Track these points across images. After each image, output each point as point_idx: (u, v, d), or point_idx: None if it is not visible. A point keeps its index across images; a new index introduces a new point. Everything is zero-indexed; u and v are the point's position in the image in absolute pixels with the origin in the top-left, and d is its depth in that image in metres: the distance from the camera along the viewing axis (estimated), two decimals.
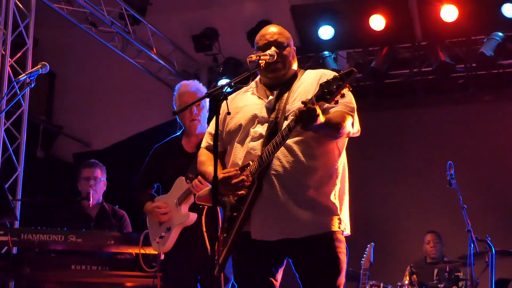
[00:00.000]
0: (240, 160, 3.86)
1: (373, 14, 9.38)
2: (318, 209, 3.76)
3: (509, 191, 9.55)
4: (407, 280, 7.39)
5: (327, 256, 3.77)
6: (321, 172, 3.80)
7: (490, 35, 9.29)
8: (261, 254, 3.83)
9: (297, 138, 3.77)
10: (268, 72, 3.95)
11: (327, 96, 3.45)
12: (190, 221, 5.05)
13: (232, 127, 3.98)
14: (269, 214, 3.75)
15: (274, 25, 4.14)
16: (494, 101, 10.15)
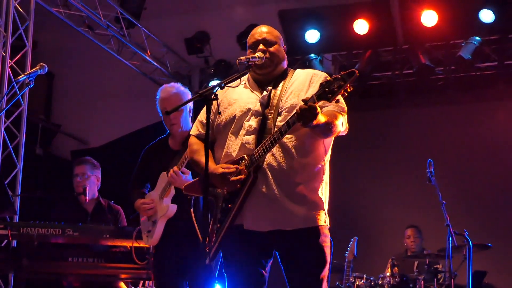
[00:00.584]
0: (234, 152, 3.86)
1: (357, 19, 9.39)
2: (308, 203, 3.78)
3: (485, 188, 9.59)
4: (388, 272, 7.41)
5: (314, 249, 3.78)
6: (311, 168, 3.82)
7: (468, 39, 9.32)
8: (252, 245, 3.82)
9: (291, 135, 3.77)
10: (257, 68, 3.96)
11: (329, 95, 3.46)
12: (171, 212, 5.04)
13: (225, 118, 3.96)
14: (262, 207, 3.76)
15: (265, 25, 4.15)
16: (472, 102, 10.18)
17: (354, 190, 9.67)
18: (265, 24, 4.19)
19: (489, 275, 8.84)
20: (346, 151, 8.54)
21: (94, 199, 6.46)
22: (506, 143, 9.36)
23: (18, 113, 7.57)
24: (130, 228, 5.76)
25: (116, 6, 9.15)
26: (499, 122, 9.52)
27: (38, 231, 5.72)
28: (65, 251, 5.78)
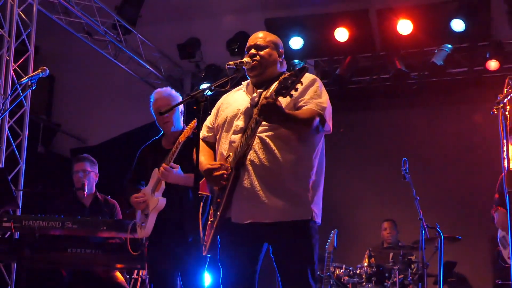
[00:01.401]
0: (224, 150, 3.89)
1: (338, 27, 9.41)
2: (290, 197, 3.74)
3: (456, 185, 9.62)
4: (366, 262, 7.42)
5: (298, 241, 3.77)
6: (296, 164, 3.79)
7: (440, 46, 9.36)
8: (241, 238, 3.81)
9: (271, 132, 3.77)
10: (249, 71, 3.98)
11: (283, 91, 3.45)
12: (161, 205, 5.03)
13: (220, 121, 4.01)
14: (244, 200, 3.76)
15: (262, 31, 4.18)
16: (444, 105, 10.21)
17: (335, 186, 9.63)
18: (253, 32, 4.20)
19: (458, 265, 8.89)
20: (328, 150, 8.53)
21: (91, 194, 6.45)
22: (475, 143, 9.40)
23: (21, 113, 7.53)
24: (126, 221, 5.76)
25: (113, 14, 9.15)
26: (469, 124, 9.56)
27: (39, 224, 5.70)
28: (64, 243, 5.76)
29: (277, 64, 4.07)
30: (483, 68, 9.34)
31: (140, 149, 5.46)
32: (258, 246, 3.88)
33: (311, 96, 3.81)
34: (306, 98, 3.77)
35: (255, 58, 3.96)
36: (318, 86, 3.87)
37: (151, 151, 5.36)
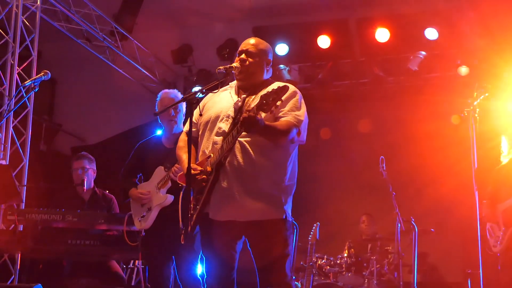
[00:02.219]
0: (207, 149, 3.89)
1: (320, 35, 9.42)
2: (265, 199, 3.77)
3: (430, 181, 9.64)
4: (346, 253, 7.44)
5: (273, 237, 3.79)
6: (271, 169, 3.81)
7: (415, 53, 9.39)
8: (221, 232, 3.83)
9: (251, 138, 3.79)
10: (237, 75, 3.99)
11: (265, 106, 3.47)
12: (168, 201, 5.05)
13: (205, 119, 4.00)
14: (222, 199, 3.78)
15: (255, 38, 4.16)
16: (418, 107, 10.23)
17: (318, 183, 9.69)
18: (242, 39, 4.20)
19: (431, 256, 8.95)
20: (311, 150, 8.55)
21: (90, 189, 6.44)
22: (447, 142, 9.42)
23: (25, 114, 7.50)
24: (122, 215, 5.75)
25: (111, 21, 9.13)
26: (442, 125, 9.59)
27: (41, 217, 5.71)
28: (65, 235, 5.76)
29: (263, 71, 4.06)
30: (455, 73, 9.38)
31: (138, 144, 5.45)
32: (235, 238, 3.90)
33: (290, 108, 3.81)
34: (286, 110, 3.79)
35: (245, 63, 3.96)
36: (297, 98, 3.87)
37: (152, 148, 5.34)
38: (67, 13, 8.50)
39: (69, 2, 8.40)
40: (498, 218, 5.46)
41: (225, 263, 3.88)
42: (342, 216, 9.80)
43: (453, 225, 9.23)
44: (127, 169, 5.39)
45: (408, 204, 8.05)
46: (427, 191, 9.61)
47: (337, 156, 10.16)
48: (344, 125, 10.46)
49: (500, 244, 5.39)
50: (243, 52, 4.01)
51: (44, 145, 10.68)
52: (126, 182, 5.34)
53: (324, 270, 7.42)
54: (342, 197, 10.04)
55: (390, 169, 6.58)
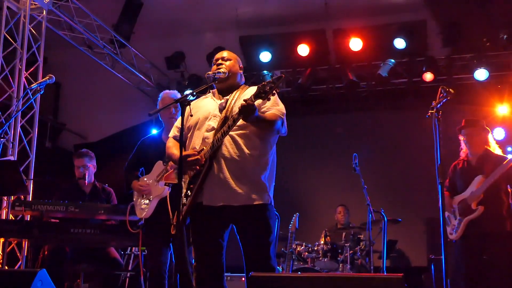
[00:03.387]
0: (197, 145, 3.90)
1: (300, 44, 9.47)
2: (253, 186, 3.80)
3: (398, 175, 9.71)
4: (322, 240, 7.44)
5: (259, 221, 3.81)
6: (258, 159, 3.85)
7: (385, 61, 9.44)
8: (211, 219, 3.82)
9: (240, 131, 3.83)
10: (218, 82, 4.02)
11: (262, 94, 3.54)
12: (165, 193, 5.03)
13: (192, 122, 4.02)
14: (216, 187, 3.78)
15: (226, 50, 4.26)
16: (387, 109, 10.29)
17: (298, 177, 9.71)
18: (229, 47, 4.29)
19: (399, 243, 8.98)
20: (291, 147, 8.57)
21: (91, 182, 6.40)
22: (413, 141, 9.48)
23: (31, 114, 7.46)
24: (120, 205, 5.74)
25: (110, 30, 9.09)
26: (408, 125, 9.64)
27: (46, 208, 5.66)
28: (67, 224, 5.72)
29: (238, 75, 4.14)
30: (420, 79, 9.43)
31: (141, 140, 5.44)
32: (225, 225, 3.89)
33: (272, 104, 3.88)
34: (268, 106, 3.86)
35: (222, 66, 4.04)
36: (276, 97, 3.93)
37: (152, 144, 5.33)
38: (71, 23, 8.45)
39: (72, 13, 8.35)
40: (454, 208, 5.53)
41: (214, 251, 3.85)
42: (319, 207, 9.83)
43: (419, 215, 9.29)
44: (130, 163, 5.37)
45: (378, 196, 8.07)
46: (395, 185, 9.66)
47: (315, 153, 10.18)
48: (321, 125, 10.48)
49: (456, 232, 5.44)
50: (219, 59, 4.11)
51: (49, 142, 10.62)
52: (129, 175, 5.32)
53: (303, 256, 7.42)
54: (320, 191, 10.07)
55: (362, 165, 6.57)
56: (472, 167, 5.55)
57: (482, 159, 5.52)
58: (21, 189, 5.74)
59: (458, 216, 5.48)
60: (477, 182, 5.41)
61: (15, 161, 6.69)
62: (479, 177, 5.41)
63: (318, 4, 9.03)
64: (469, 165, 5.59)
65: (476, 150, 5.57)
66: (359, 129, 10.22)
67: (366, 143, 9.87)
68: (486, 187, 5.32)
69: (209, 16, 9.55)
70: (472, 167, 5.55)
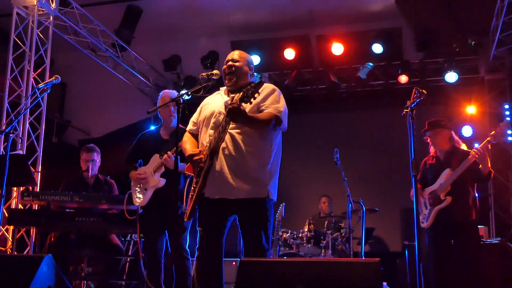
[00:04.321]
0: (205, 141, 3.89)
1: (286, 48, 9.46)
2: (251, 180, 3.78)
3: (375, 169, 9.74)
4: (306, 228, 7.46)
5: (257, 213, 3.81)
6: (256, 155, 3.82)
7: (364, 64, 9.45)
8: (213, 209, 3.83)
9: (240, 129, 3.80)
10: (227, 82, 4.03)
11: (245, 98, 3.52)
12: (160, 184, 5.04)
13: (202, 118, 4.02)
14: (216, 181, 3.78)
15: (238, 50, 4.20)
16: (366, 109, 10.32)
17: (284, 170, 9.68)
18: (221, 51, 4.27)
19: (376, 230, 9.02)
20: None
21: (94, 175, 6.38)
22: (389, 138, 9.52)
23: (39, 112, 7.43)
24: (121, 196, 5.72)
25: (112, 35, 9.06)
26: (385, 123, 9.67)
27: (53, 198, 5.64)
28: (72, 213, 5.71)
29: (248, 75, 4.10)
30: (396, 81, 9.45)
31: (140, 134, 5.44)
32: (226, 215, 3.90)
33: (271, 102, 3.86)
34: (267, 104, 3.83)
35: (232, 68, 4.00)
36: (277, 94, 3.91)
37: (151, 138, 5.32)
38: (76, 28, 8.41)
39: (77, 19, 8.31)
40: (425, 199, 5.57)
41: (215, 234, 3.87)
42: (304, 197, 9.85)
43: (394, 205, 9.33)
44: (129, 155, 5.36)
45: (358, 188, 8.10)
46: (373, 177, 9.69)
47: (300, 148, 10.18)
48: (306, 123, 10.48)
49: (426, 220, 5.49)
50: (230, 60, 4.05)
51: (56, 138, 10.58)
52: (128, 166, 5.31)
53: (289, 242, 7.44)
54: (304, 182, 10.08)
55: (343, 159, 6.58)
56: (441, 162, 5.59)
57: (450, 155, 5.57)
58: (29, 181, 5.72)
59: (429, 206, 5.52)
60: (445, 175, 5.46)
61: (24, 155, 6.67)
62: (447, 170, 5.46)
63: (303, 12, 9.03)
64: (438, 160, 5.64)
65: (441, 147, 5.61)
66: (340, 127, 10.23)
67: (346, 139, 9.89)
68: (453, 179, 5.38)
69: (203, 23, 9.53)
70: (440, 162, 5.60)
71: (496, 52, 8.59)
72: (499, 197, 9.03)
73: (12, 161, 4.68)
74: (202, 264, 3.87)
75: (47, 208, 5.60)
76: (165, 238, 5.16)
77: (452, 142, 5.61)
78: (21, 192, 5.89)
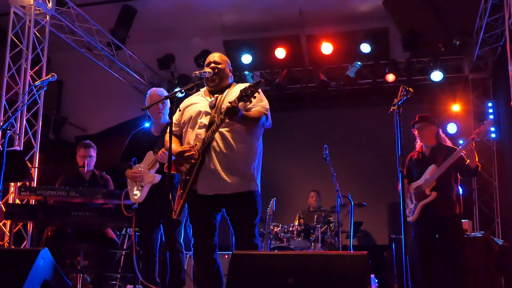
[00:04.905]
0: (191, 141, 3.88)
1: (277, 48, 9.46)
2: (241, 175, 3.80)
3: (364, 165, 9.76)
4: (297, 222, 7.46)
5: (247, 206, 3.82)
6: (245, 151, 3.84)
7: (352, 63, 9.46)
8: (205, 205, 3.83)
9: (229, 127, 3.81)
10: (209, 82, 4.01)
11: (245, 97, 3.52)
12: (156, 180, 5.03)
13: (186, 118, 3.99)
14: (209, 178, 3.78)
15: (218, 53, 4.20)
16: (354, 106, 10.34)
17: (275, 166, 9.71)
18: (214, 50, 4.25)
19: (364, 224, 9.04)
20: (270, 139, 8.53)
21: (90, 170, 6.35)
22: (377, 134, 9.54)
23: (36, 109, 7.38)
24: (116, 191, 5.70)
25: (108, 34, 9.01)
26: (373, 120, 9.69)
27: (49, 193, 5.61)
28: (68, 207, 5.67)
29: (229, 77, 4.12)
30: (383, 80, 9.47)
31: (132, 133, 5.41)
32: (217, 210, 3.90)
33: (257, 101, 3.85)
34: (254, 102, 3.80)
35: (215, 70, 4.02)
36: (260, 94, 3.92)
37: (143, 136, 5.30)
38: (72, 27, 8.35)
39: (73, 18, 8.26)
40: (410, 194, 5.59)
41: (208, 230, 3.87)
42: (294, 193, 9.85)
43: (381, 200, 9.35)
44: (123, 154, 5.34)
45: (346, 183, 8.11)
46: (361, 173, 9.71)
47: (291, 145, 10.19)
48: (297, 120, 10.49)
49: (412, 215, 5.51)
50: (212, 62, 4.06)
51: (53, 134, 10.52)
52: (123, 164, 5.29)
53: (279, 236, 7.43)
54: (294, 178, 10.10)
55: (332, 155, 6.59)
56: (426, 157, 5.60)
57: (435, 151, 5.58)
58: (26, 176, 5.68)
59: (414, 201, 5.53)
60: (430, 170, 5.47)
61: (21, 151, 6.62)
62: (432, 166, 5.47)
63: (294, 13, 9.02)
64: (423, 156, 5.64)
65: (427, 141, 5.62)
66: (330, 124, 10.25)
67: (335, 136, 9.91)
68: (438, 175, 5.39)
69: (197, 23, 9.50)
70: (426, 157, 5.61)
71: (480, 52, 8.62)
72: (483, 192, 9.09)
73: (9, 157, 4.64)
74: (199, 260, 3.88)
75: (44, 203, 5.55)
76: (160, 232, 5.15)
77: (438, 139, 5.62)
78: (19, 187, 5.86)
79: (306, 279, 3.02)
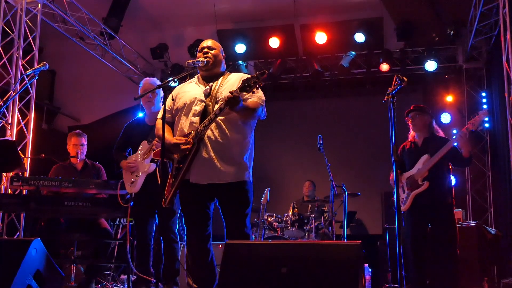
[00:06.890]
0: (185, 128, 3.84)
1: (271, 37, 9.43)
2: (236, 165, 3.78)
3: (357, 154, 9.78)
4: (291, 212, 7.47)
5: (240, 195, 3.81)
6: (240, 141, 3.82)
7: (346, 53, 9.44)
8: (197, 193, 3.80)
9: (224, 117, 3.78)
10: (203, 67, 3.98)
11: (247, 88, 3.51)
12: (151, 169, 5.02)
13: (180, 105, 3.95)
14: (203, 167, 3.76)
15: (211, 39, 4.16)
16: (348, 96, 10.34)
17: (269, 156, 9.72)
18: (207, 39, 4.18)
19: (358, 214, 9.07)
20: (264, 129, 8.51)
21: (82, 160, 6.30)
22: (371, 123, 9.55)
23: (28, 98, 7.34)
24: (110, 181, 5.65)
25: (100, 23, 8.92)
26: (367, 110, 9.69)
27: (42, 183, 5.55)
28: (61, 197, 5.61)
29: (222, 63, 4.09)
30: (377, 69, 9.46)
31: (126, 124, 5.39)
32: (210, 199, 3.88)
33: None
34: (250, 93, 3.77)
35: (208, 55, 3.98)
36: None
37: (137, 127, 5.28)
38: (64, 16, 8.27)
39: (65, 7, 8.18)
40: (403, 183, 5.59)
41: (201, 219, 3.84)
42: (288, 182, 9.86)
43: (375, 190, 9.36)
44: (118, 145, 5.32)
45: (340, 173, 8.11)
46: (355, 163, 9.72)
47: (285, 134, 10.19)
48: (290, 110, 10.48)
49: (404, 204, 5.52)
50: (205, 48, 4.03)
51: (45, 124, 10.47)
52: (118, 155, 5.28)
53: (273, 226, 7.44)
54: (288, 167, 10.10)
55: (326, 145, 6.58)
56: (419, 148, 5.60)
57: (427, 141, 5.58)
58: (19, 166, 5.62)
59: (406, 190, 5.54)
60: (423, 160, 5.47)
61: (13, 141, 6.58)
62: (425, 156, 5.47)
63: (288, 2, 8.99)
64: (416, 146, 5.64)
65: (419, 130, 5.62)
66: (324, 113, 10.24)
67: (329, 125, 9.91)
68: (430, 165, 5.39)
69: (190, 12, 9.45)
70: (418, 147, 5.60)
71: (474, 41, 8.62)
72: (476, 182, 9.12)
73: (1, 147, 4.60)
74: (193, 249, 3.87)
75: (36, 193, 5.52)
76: (154, 222, 5.13)
77: (431, 130, 5.62)
78: (11, 177, 5.80)
79: (300, 268, 3.01)
